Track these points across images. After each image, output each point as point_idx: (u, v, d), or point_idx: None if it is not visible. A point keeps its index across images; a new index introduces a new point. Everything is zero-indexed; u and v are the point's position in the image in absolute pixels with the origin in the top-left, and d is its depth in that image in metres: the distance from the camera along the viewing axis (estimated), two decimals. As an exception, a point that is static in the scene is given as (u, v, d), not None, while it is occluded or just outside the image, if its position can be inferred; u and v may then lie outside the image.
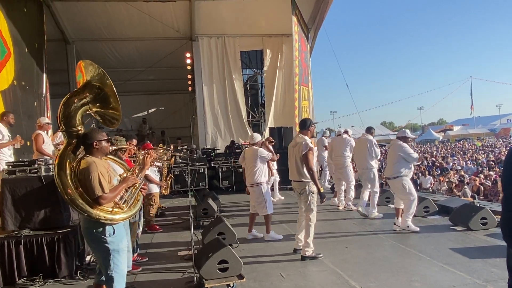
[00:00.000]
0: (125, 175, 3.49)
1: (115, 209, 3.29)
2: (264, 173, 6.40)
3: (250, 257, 5.33)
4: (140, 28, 14.34)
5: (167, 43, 14.99)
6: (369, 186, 7.52)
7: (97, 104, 3.41)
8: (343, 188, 8.55)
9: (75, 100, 3.34)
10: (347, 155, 8.34)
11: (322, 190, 5.03)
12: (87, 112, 3.43)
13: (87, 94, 3.36)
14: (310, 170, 5.01)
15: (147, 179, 6.87)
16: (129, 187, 3.43)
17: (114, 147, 4.20)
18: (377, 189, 7.51)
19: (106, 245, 3.24)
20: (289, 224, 7.05)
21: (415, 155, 6.33)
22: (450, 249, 5.29)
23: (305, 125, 5.30)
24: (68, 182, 3.20)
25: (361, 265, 4.84)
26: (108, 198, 3.18)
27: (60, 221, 5.06)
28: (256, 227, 6.50)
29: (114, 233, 3.26)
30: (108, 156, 3.67)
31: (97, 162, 3.23)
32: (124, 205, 3.36)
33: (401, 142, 6.39)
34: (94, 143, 3.29)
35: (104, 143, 3.35)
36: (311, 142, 5.21)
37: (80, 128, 3.38)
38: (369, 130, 7.79)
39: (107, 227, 3.24)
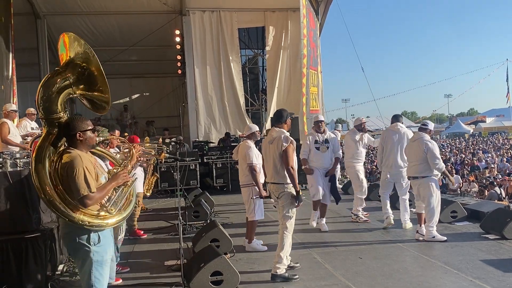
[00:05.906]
0: (114, 171, 3.42)
1: (102, 213, 3.23)
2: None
3: (248, 269, 5.35)
4: (121, 0, 14.25)
5: (153, 18, 14.92)
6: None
7: (81, 86, 3.29)
8: None
9: (57, 81, 3.23)
10: None
11: (300, 193, 4.97)
12: (71, 96, 3.33)
13: (69, 74, 3.25)
14: (290, 168, 4.90)
15: None
16: (118, 186, 3.37)
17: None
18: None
19: (90, 255, 3.17)
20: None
21: (441, 164, 6.22)
22: (481, 260, 5.30)
23: (281, 117, 5.22)
24: (46, 180, 3.13)
25: (377, 279, 4.86)
26: (95, 198, 3.11)
27: (28, 224, 5.05)
28: (260, 236, 6.49)
29: (99, 241, 3.19)
30: (97, 148, 3.63)
31: (82, 156, 3.17)
32: (112, 208, 3.28)
33: (428, 138, 6.30)
34: (78, 134, 3.22)
35: (89, 134, 3.28)
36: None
37: (62, 115, 3.26)
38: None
39: (91, 234, 3.17)
